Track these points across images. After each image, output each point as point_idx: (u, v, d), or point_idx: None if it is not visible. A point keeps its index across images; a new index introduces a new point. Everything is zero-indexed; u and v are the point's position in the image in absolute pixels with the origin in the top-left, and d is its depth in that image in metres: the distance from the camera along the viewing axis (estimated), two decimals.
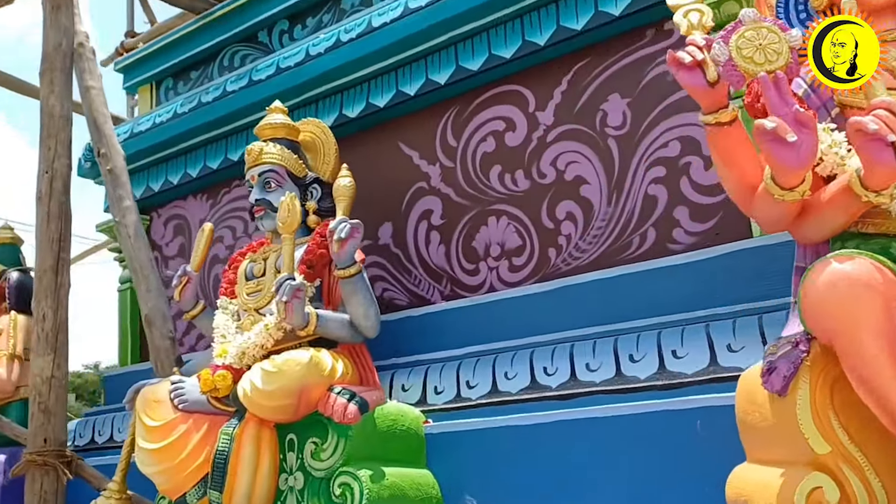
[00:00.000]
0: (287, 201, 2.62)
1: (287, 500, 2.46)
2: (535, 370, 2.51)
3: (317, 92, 3.40)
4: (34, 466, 3.05)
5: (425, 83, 3.11)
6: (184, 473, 2.54)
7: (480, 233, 2.99)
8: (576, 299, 2.55)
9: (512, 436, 2.41)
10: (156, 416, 2.62)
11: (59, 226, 3.30)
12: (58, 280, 3.25)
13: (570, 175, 2.81)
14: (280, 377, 2.35)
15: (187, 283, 2.94)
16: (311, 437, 2.43)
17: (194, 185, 3.97)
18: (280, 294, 2.47)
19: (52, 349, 3.18)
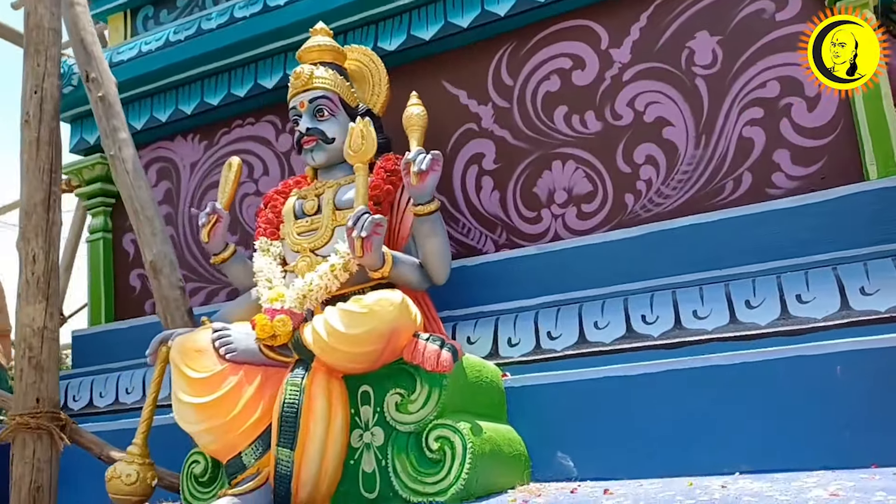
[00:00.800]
0: (360, 127, 2.33)
1: (362, 457, 2.18)
2: (630, 319, 2.33)
3: (349, 21, 3.08)
4: (25, 430, 2.60)
5: (480, 14, 2.86)
6: (237, 431, 2.20)
7: (543, 178, 2.78)
8: (673, 245, 2.39)
9: (610, 387, 2.23)
10: (199, 367, 2.26)
11: (50, 154, 2.83)
12: (49, 217, 2.78)
13: (650, 116, 2.64)
14: (370, 319, 2.06)
15: (217, 223, 2.58)
16: (394, 388, 2.16)
17: (186, 123, 3.56)
18: (358, 228, 2.18)
19: (45, 296, 2.72)
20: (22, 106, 2.84)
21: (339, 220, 2.44)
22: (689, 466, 2.06)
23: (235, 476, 2.20)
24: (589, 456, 2.21)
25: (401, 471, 2.09)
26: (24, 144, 2.81)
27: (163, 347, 2.53)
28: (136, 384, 3.24)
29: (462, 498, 1.98)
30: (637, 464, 2.14)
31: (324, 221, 2.46)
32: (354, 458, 2.19)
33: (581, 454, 2.23)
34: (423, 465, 2.07)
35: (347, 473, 2.19)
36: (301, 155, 2.60)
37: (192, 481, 2.42)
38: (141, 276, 3.65)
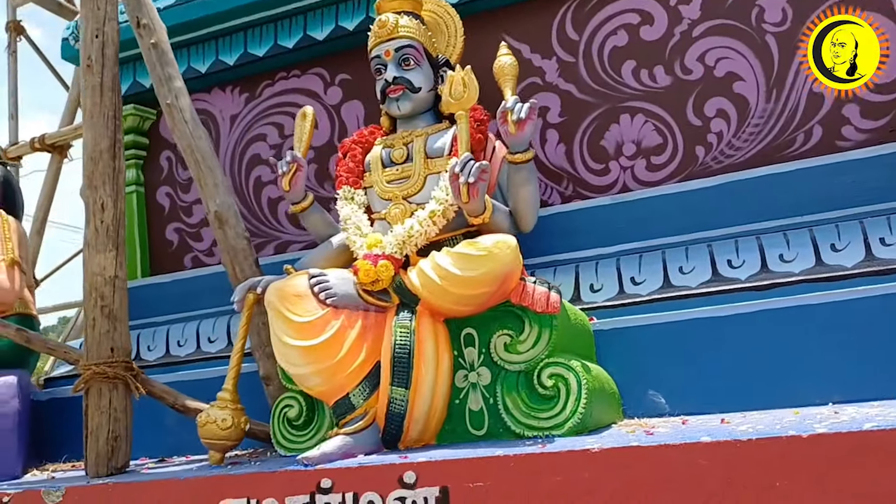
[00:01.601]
0: (462, 75, 2.35)
1: (468, 396, 2.24)
2: (716, 263, 2.44)
3: None
4: (101, 380, 2.56)
5: None
6: (345, 373, 2.23)
7: (610, 131, 2.86)
8: (754, 193, 2.50)
9: (700, 328, 2.34)
10: (301, 311, 2.28)
11: (114, 99, 2.76)
12: (115, 164, 2.72)
13: (720, 71, 2.73)
14: (488, 261, 2.11)
15: (298, 171, 2.57)
16: (501, 329, 2.21)
17: (227, 75, 3.50)
18: (465, 174, 2.21)
19: (114, 244, 2.67)
20: (83, 50, 2.76)
21: (431, 169, 2.47)
22: (780, 399, 2.18)
23: (344, 416, 2.23)
24: (679, 393, 2.32)
25: (512, 408, 2.16)
26: (86, 90, 2.74)
27: (250, 294, 2.53)
28: (188, 336, 3.22)
29: (576, 431, 2.06)
30: (728, 399, 2.24)
31: (415, 169, 2.48)
32: (459, 397, 2.25)
33: (671, 392, 2.33)
34: (534, 401, 2.14)
35: (453, 412, 2.25)
36: (384, 104, 2.60)
37: (286, 425, 2.45)
38: (178, 230, 3.60)
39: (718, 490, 1.66)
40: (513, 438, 2.14)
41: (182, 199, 3.59)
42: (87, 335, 2.61)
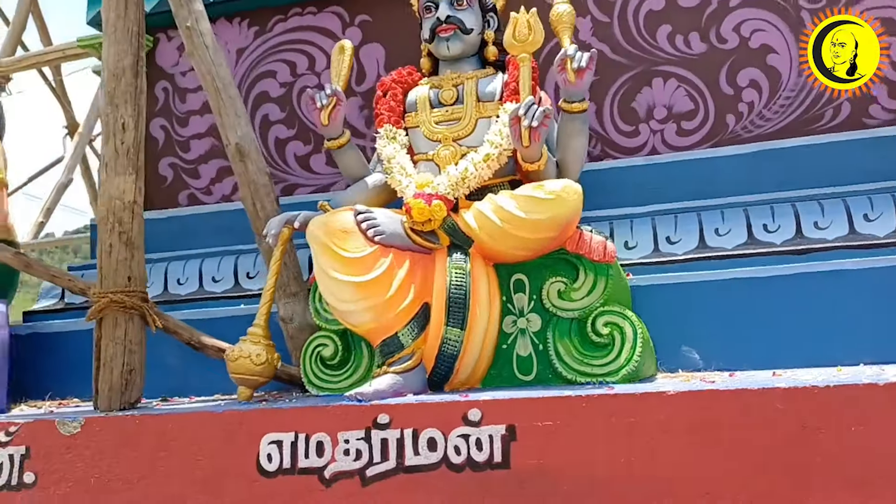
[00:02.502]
0: (527, 18, 2.31)
1: (517, 341, 2.24)
2: (752, 227, 2.51)
3: None
4: (117, 309, 2.41)
5: None
6: (395, 311, 2.18)
7: (642, 94, 2.88)
8: (788, 162, 2.58)
9: (737, 288, 2.41)
10: (350, 247, 2.21)
11: (138, 14, 2.57)
12: (137, 83, 2.55)
13: (755, 43, 2.79)
14: (555, 205, 2.10)
15: (337, 105, 2.48)
16: (553, 276, 2.22)
17: (235, 5, 3.33)
18: (528, 118, 2.18)
19: (134, 168, 2.50)
20: None
21: (483, 112, 2.43)
22: (813, 359, 2.27)
23: (391, 355, 2.19)
24: (713, 350, 2.38)
25: (564, 354, 2.17)
26: (108, 1, 2.55)
27: (285, 229, 2.44)
28: (189, 275, 3.07)
29: (629, 379, 2.09)
30: (761, 357, 2.32)
31: (466, 111, 2.43)
32: (507, 342, 2.25)
33: (706, 348, 2.39)
34: (587, 348, 2.16)
35: (500, 357, 2.24)
36: (432, 43, 2.53)
37: (319, 364, 2.38)
38: (173, 165, 3.43)
39: (794, 433, 1.72)
40: (563, 384, 2.15)
41: (179, 132, 3.41)
42: (101, 262, 2.45)
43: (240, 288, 2.99)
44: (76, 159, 8.54)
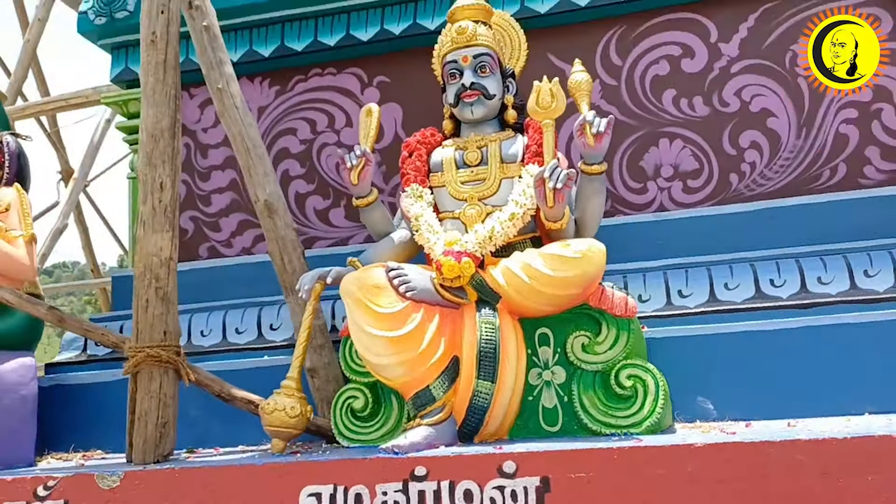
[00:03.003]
0: (551, 86, 2.46)
1: (542, 393, 2.34)
2: (759, 282, 2.65)
3: None
4: (153, 363, 2.48)
5: None
6: (426, 365, 2.28)
7: (650, 153, 3.05)
8: (792, 219, 2.73)
9: (746, 341, 2.53)
10: (383, 302, 2.32)
11: (175, 78, 2.70)
12: (174, 144, 2.66)
13: (755, 107, 2.97)
14: (582, 263, 2.22)
15: (366, 166, 2.61)
16: (577, 331, 2.33)
17: (258, 66, 3.48)
18: (553, 180, 2.32)
19: (171, 225, 2.60)
20: (146, 25, 2.69)
21: (506, 173, 2.56)
22: (820, 409, 2.39)
23: (423, 408, 2.28)
24: (727, 400, 2.50)
25: (589, 406, 2.27)
26: (148, 66, 2.67)
27: (317, 284, 2.54)
28: (213, 326, 3.15)
29: (652, 430, 2.20)
30: (774, 406, 2.44)
31: (491, 172, 2.57)
32: (533, 394, 2.34)
33: (719, 399, 2.51)
34: (611, 400, 2.27)
35: (525, 409, 2.34)
36: (457, 108, 2.67)
37: (350, 416, 2.46)
38: (194, 218, 3.53)
39: (815, 482, 1.83)
40: (588, 435, 2.25)
41: (200, 187, 3.52)
42: (138, 316, 2.53)
43: (263, 339, 3.07)
44: (71, 205, 8.61)
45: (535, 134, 2.59)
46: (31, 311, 2.76)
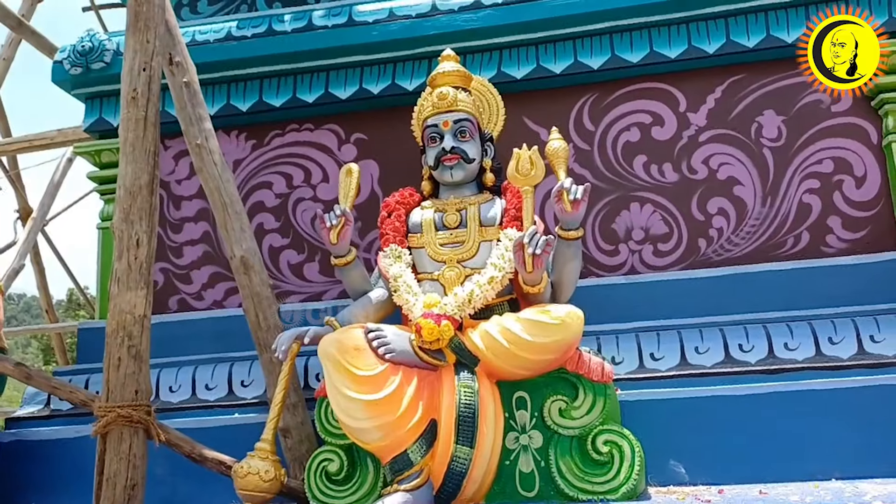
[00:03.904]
0: (530, 154, 2.52)
1: (519, 458, 2.34)
2: (728, 346, 2.71)
3: (436, 48, 3.22)
4: (123, 423, 2.42)
5: (574, 64, 3.18)
6: (404, 429, 2.27)
7: (621, 216, 3.12)
8: (759, 285, 2.82)
9: (717, 405, 2.59)
10: (362, 364, 2.32)
11: (155, 135, 2.69)
12: (152, 201, 2.64)
13: (722, 175, 3.08)
14: (561, 330, 2.26)
15: (346, 226, 2.63)
16: (554, 395, 2.35)
17: (234, 120, 3.49)
18: (532, 245, 2.36)
19: (145, 283, 2.56)
20: (128, 82, 2.69)
21: (485, 236, 2.60)
22: (788, 473, 2.45)
23: (401, 472, 2.27)
24: (698, 464, 2.54)
25: (566, 471, 2.29)
26: (128, 122, 2.66)
27: (294, 345, 2.53)
28: (182, 382, 3.10)
29: (628, 497, 2.22)
30: (744, 470, 2.49)
31: (470, 235, 2.61)
32: (510, 458, 2.35)
33: (690, 462, 2.55)
34: (587, 466, 2.29)
35: (502, 473, 2.34)
36: (437, 170, 2.71)
37: (324, 479, 2.43)
38: (165, 270, 3.49)
39: None
40: (564, 501, 2.27)
41: (172, 238, 3.49)
42: (108, 375, 2.48)
43: (234, 396, 3.03)
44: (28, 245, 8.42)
45: (513, 198, 2.64)
46: None
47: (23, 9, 6.49)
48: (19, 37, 6.42)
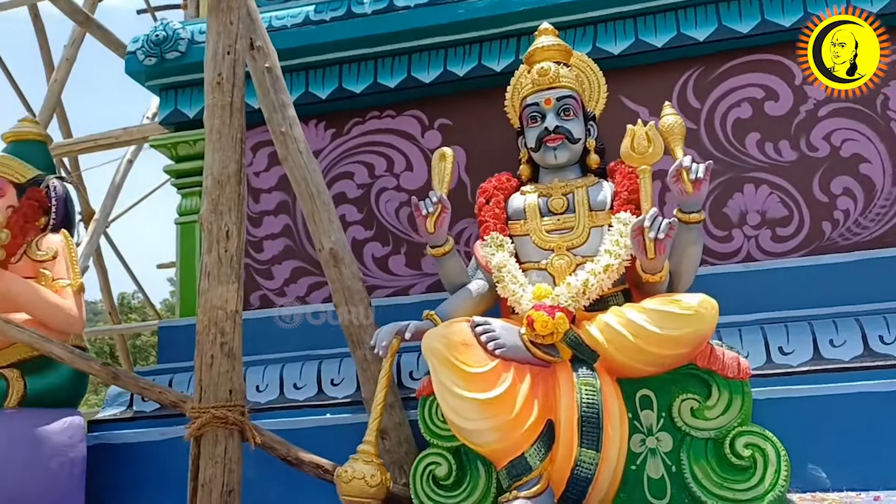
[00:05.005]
0: (647, 130, 2.31)
1: (647, 462, 2.13)
2: (868, 338, 2.46)
3: (525, 25, 3.03)
4: (218, 425, 2.30)
5: (676, 37, 2.95)
6: (520, 430, 2.08)
7: (734, 199, 2.88)
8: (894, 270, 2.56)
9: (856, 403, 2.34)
10: (471, 361, 2.13)
11: (241, 122, 2.56)
12: (240, 190, 2.51)
13: (846, 152, 2.82)
14: (694, 321, 2.05)
15: (443, 213, 2.45)
16: (683, 393, 2.14)
17: (313, 108, 3.34)
18: (654, 230, 2.16)
19: (237, 277, 2.43)
20: (212, 66, 2.56)
21: (595, 221, 2.40)
22: None
23: (519, 478, 2.08)
24: (840, 468, 2.30)
25: (702, 477, 2.07)
26: (214, 109, 2.53)
27: (394, 341, 2.36)
28: (269, 381, 2.96)
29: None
30: (888, 476, 2.24)
31: (579, 220, 2.41)
32: (636, 463, 2.14)
33: (830, 466, 2.31)
34: (726, 471, 2.07)
35: (628, 479, 2.13)
36: (538, 152, 2.52)
37: (431, 484, 2.26)
38: (245, 265, 3.33)
39: None
40: None
41: (252, 233, 3.36)
42: (201, 374, 2.35)
43: (324, 395, 2.88)
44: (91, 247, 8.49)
45: (623, 180, 2.43)
46: (83, 367, 2.59)
47: (85, 7, 6.49)
48: (83, 32, 6.39)
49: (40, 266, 2.85)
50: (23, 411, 2.65)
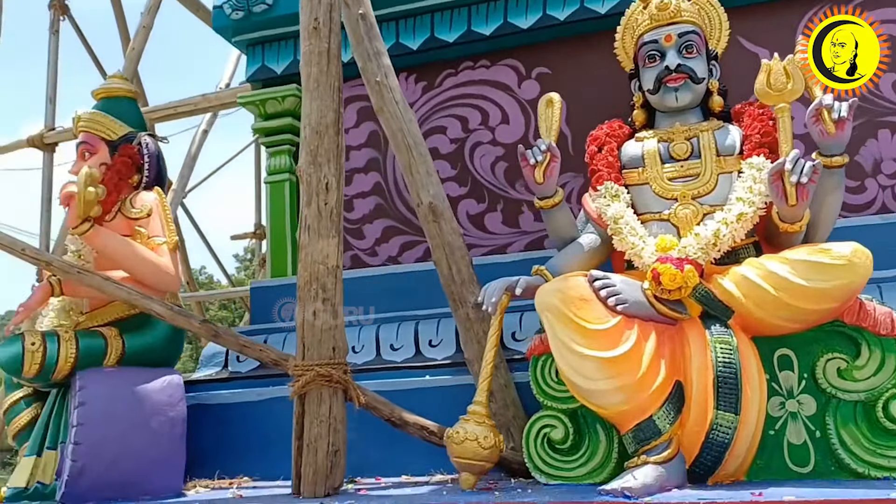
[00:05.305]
0: (784, 64, 2.09)
1: (787, 427, 1.96)
2: None
3: None
4: (323, 384, 2.22)
5: None
6: (647, 392, 1.93)
7: (867, 146, 2.64)
8: None
9: None
10: (591, 317, 1.98)
11: (338, 69, 2.45)
12: (339, 141, 2.41)
13: None
14: (847, 272, 1.85)
15: (552, 162, 2.29)
16: (828, 352, 1.95)
17: (404, 60, 3.20)
18: (797, 173, 1.95)
19: (337, 230, 2.34)
20: (308, 11, 2.44)
21: (724, 167, 2.21)
22: None
23: (647, 442, 1.92)
24: None
25: (850, 443, 1.89)
26: (311, 55, 2.42)
27: (504, 297, 2.23)
28: (365, 342, 2.87)
29: None
30: None
31: (705, 167, 2.21)
32: (775, 428, 1.96)
33: None
34: (878, 437, 1.88)
35: (766, 444, 1.96)
36: (657, 94, 2.33)
37: (547, 448, 2.12)
38: None
39: None
40: (852, 478, 1.87)
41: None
42: (303, 332, 2.26)
43: (422, 357, 2.77)
44: None
45: (753, 122, 2.22)
46: (183, 324, 2.54)
47: None
48: None
49: (135, 224, 2.80)
50: (122, 370, 2.62)
